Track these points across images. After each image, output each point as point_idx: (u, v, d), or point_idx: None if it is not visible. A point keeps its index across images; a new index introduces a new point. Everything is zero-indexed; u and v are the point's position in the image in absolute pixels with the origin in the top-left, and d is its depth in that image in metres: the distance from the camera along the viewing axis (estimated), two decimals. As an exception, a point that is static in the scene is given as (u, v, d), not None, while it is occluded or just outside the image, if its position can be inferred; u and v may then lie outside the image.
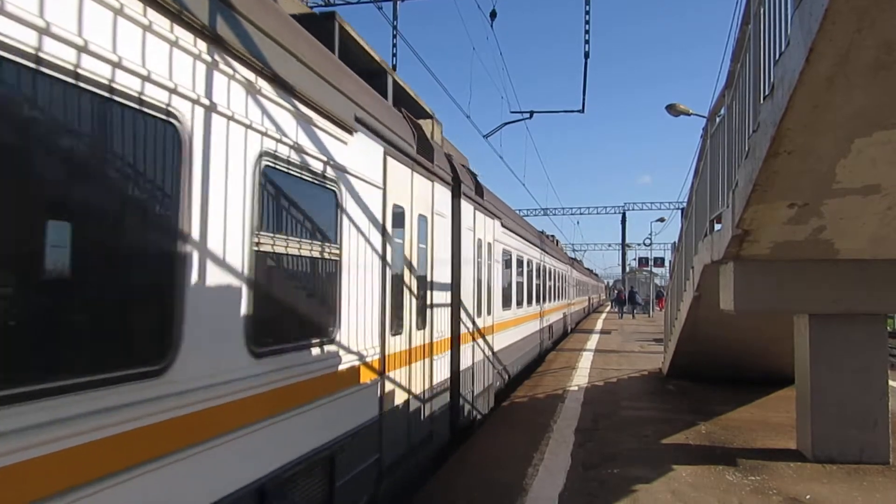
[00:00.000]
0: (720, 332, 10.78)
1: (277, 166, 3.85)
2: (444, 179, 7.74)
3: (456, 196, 8.34)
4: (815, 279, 7.35)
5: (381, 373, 5.55)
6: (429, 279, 7.09)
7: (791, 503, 6.16)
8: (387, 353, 5.68)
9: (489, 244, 10.58)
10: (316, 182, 4.40)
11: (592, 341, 23.93)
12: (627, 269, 62.52)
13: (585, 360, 17.44)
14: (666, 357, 14.70)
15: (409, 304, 6.36)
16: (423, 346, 6.84)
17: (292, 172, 4.06)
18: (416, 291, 6.59)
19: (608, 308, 64.76)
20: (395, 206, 6.01)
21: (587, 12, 15.90)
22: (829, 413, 7.52)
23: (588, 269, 59.79)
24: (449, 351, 7.89)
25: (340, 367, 4.74)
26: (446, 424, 7.80)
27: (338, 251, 4.72)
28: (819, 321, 7.59)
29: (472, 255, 9.12)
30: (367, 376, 5.24)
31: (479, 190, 9.90)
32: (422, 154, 6.91)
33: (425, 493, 6.45)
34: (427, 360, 6.93)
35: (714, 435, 8.83)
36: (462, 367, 8.31)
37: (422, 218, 6.85)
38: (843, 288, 7.35)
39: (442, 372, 7.53)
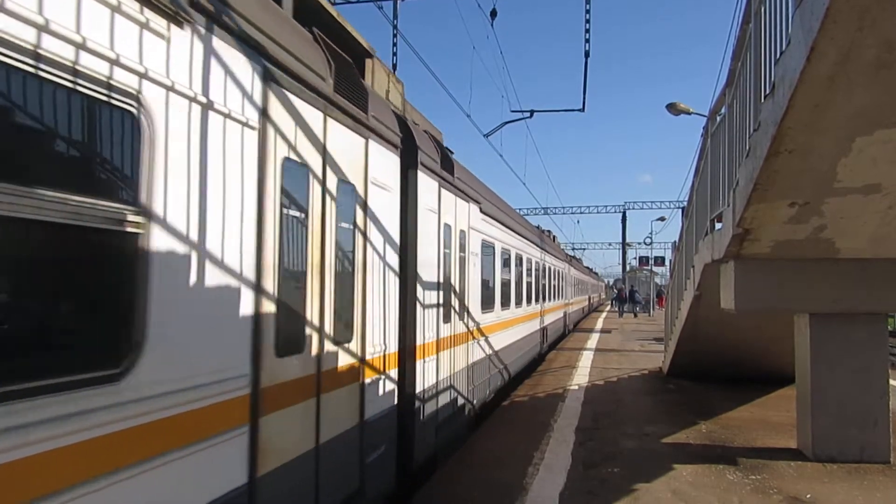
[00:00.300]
0: (721, 331, 10.78)
1: None
2: (387, 140, 5.89)
3: (412, 167, 6.57)
4: (816, 278, 7.34)
5: (254, 416, 3.62)
6: (361, 274, 5.27)
7: (792, 502, 6.16)
8: (262, 385, 3.69)
9: (461, 231, 8.59)
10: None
11: (593, 340, 23.92)
12: (628, 268, 62.55)
13: (586, 360, 17.43)
14: (666, 356, 14.70)
15: (316, 309, 4.44)
16: (346, 367, 4.95)
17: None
18: (334, 290, 4.74)
19: (608, 307, 64.73)
20: (288, 162, 4.06)
21: (587, 11, 15.89)
22: (829, 412, 7.51)
23: (587, 268, 59.71)
24: (395, 369, 6.08)
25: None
26: (391, 469, 5.96)
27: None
28: (819, 320, 7.59)
29: (434, 244, 7.25)
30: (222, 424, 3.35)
31: (448, 164, 8.01)
32: (344, 95, 4.99)
33: (425, 492, 6.44)
34: (350, 386, 5.02)
35: (714, 434, 8.83)
36: (417, 389, 6.56)
37: (344, 185, 4.93)
38: (844, 287, 7.35)
39: (377, 401, 5.61)
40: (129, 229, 2.76)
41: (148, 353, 2.82)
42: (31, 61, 2.33)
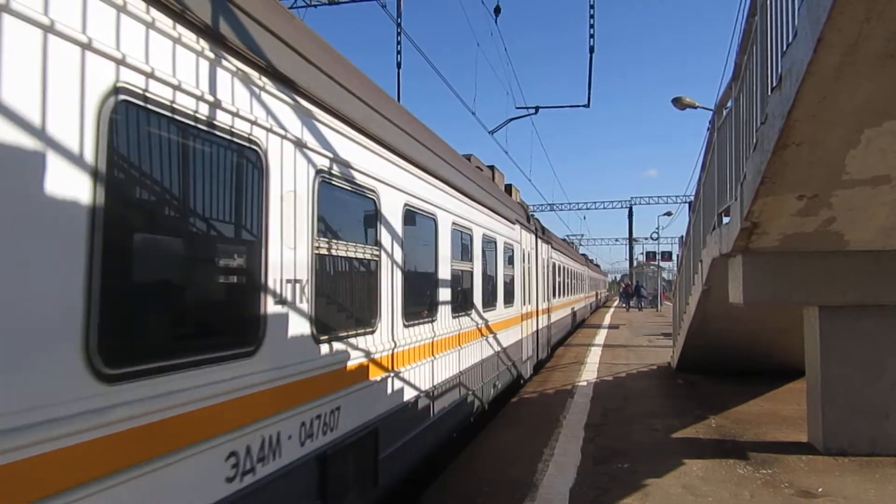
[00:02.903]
0: (729, 325, 10.75)
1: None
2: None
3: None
4: (825, 271, 7.31)
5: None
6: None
7: (803, 496, 6.14)
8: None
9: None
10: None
11: (601, 336, 23.90)
12: (635, 263, 62.40)
13: (594, 355, 17.42)
14: (675, 351, 14.67)
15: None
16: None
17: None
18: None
19: (615, 302, 64.70)
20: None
21: (591, 6, 15.85)
22: (839, 405, 7.48)
23: (596, 266, 59.67)
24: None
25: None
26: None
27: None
28: (829, 313, 7.55)
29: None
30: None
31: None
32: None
33: (435, 488, 6.46)
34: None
35: (724, 428, 8.81)
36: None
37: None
38: (853, 279, 7.31)
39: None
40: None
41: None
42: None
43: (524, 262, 13.38)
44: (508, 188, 14.11)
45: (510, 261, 11.82)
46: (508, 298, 11.51)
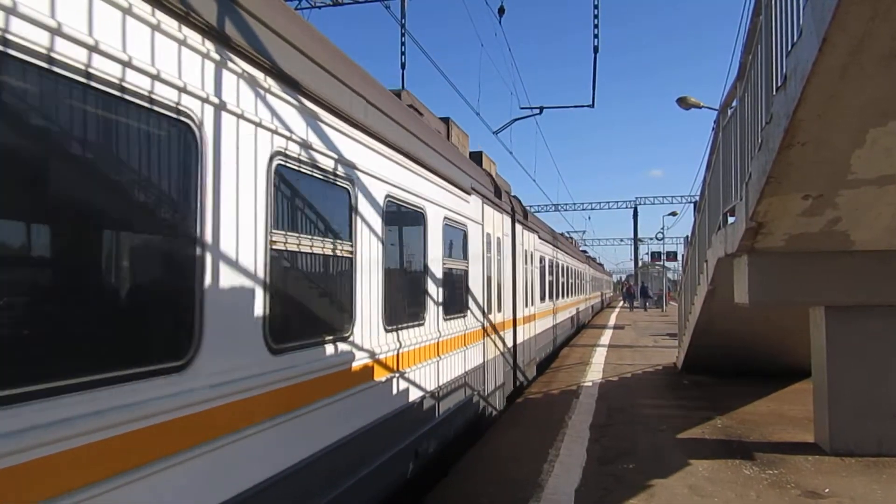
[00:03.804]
0: (735, 325, 10.72)
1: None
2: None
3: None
4: (831, 271, 7.28)
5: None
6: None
7: (810, 497, 6.12)
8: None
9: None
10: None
11: (606, 336, 23.86)
12: (640, 263, 62.29)
13: (599, 356, 17.40)
14: (680, 351, 14.64)
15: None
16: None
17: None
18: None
19: (620, 303, 64.59)
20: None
21: (595, 6, 15.84)
22: (846, 405, 7.45)
23: (600, 265, 59.55)
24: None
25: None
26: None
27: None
28: (835, 313, 7.52)
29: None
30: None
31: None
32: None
33: (441, 489, 6.47)
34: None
35: (730, 429, 8.79)
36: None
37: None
38: (860, 279, 7.28)
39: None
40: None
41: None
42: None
43: (489, 253, 9.54)
44: (478, 156, 10.63)
45: (460, 249, 7.97)
46: (455, 306, 7.65)
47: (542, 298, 15.78)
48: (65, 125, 2.50)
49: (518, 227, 12.21)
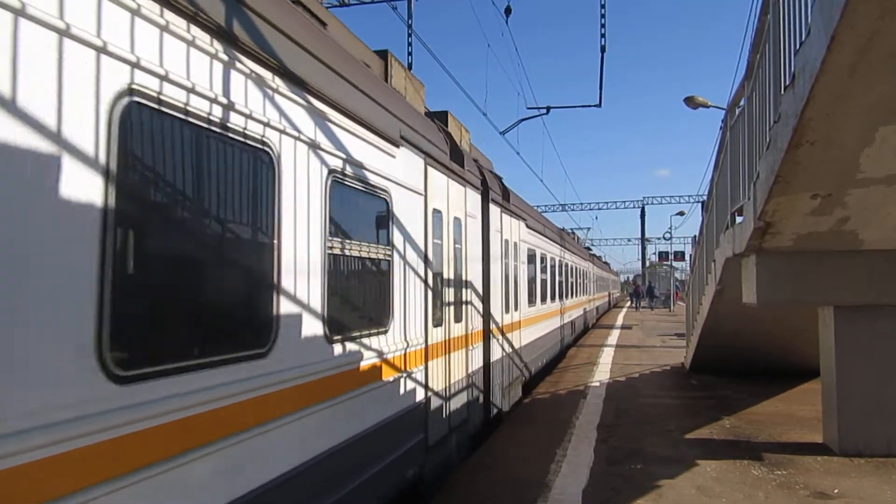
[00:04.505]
0: (743, 325, 10.68)
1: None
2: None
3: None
4: (840, 270, 7.25)
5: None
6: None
7: (818, 497, 6.10)
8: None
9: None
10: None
11: (613, 336, 23.80)
12: (647, 263, 62.13)
13: (606, 356, 17.36)
14: (688, 351, 14.59)
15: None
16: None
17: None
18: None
19: (627, 304, 64.46)
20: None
21: (602, 6, 15.81)
22: (855, 405, 7.41)
23: (605, 263, 59.41)
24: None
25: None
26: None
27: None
28: (844, 313, 7.49)
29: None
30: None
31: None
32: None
33: (447, 489, 6.48)
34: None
35: (738, 429, 8.76)
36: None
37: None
38: (869, 279, 7.25)
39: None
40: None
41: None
42: None
43: (438, 238, 6.73)
44: (443, 116, 8.24)
45: (371, 227, 5.29)
46: (377, 317, 5.21)
47: (532, 301, 13.06)
48: (190, 161, 3.13)
49: (494, 208, 9.39)
